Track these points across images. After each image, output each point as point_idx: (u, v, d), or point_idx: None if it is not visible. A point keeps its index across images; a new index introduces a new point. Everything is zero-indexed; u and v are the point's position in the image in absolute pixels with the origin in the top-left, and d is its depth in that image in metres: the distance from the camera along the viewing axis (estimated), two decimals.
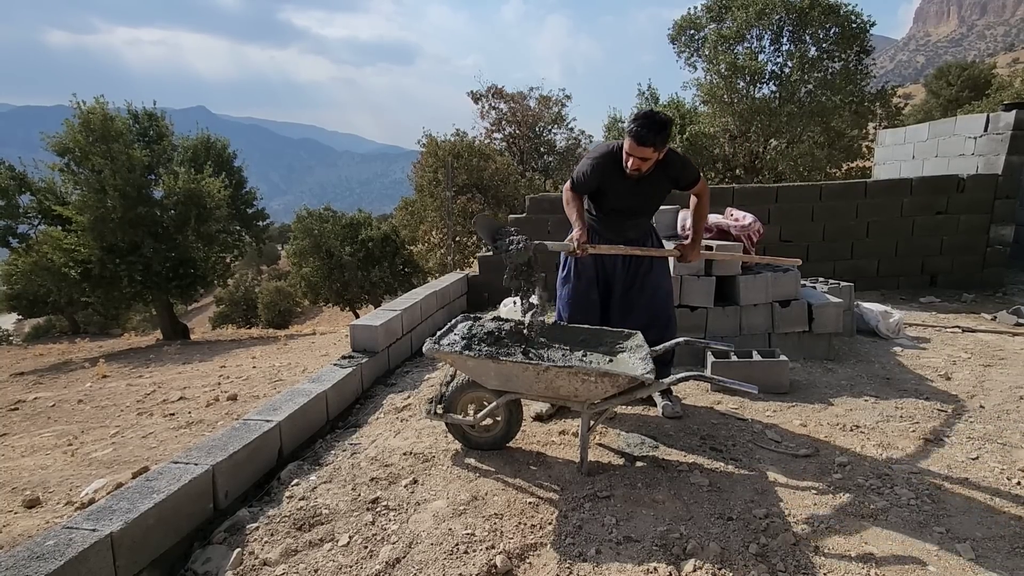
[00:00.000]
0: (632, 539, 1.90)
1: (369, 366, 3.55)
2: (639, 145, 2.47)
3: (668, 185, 2.75)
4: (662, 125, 2.45)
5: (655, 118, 2.45)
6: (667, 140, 2.51)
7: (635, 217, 2.83)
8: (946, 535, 1.92)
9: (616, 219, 2.83)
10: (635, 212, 2.82)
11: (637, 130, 2.44)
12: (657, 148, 2.49)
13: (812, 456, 2.48)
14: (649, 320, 2.83)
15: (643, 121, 2.44)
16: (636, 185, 2.66)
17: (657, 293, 2.87)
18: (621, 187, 2.69)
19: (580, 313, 2.90)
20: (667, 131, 2.48)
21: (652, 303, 2.86)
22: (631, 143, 2.48)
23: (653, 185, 2.69)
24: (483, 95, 21.00)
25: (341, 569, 1.82)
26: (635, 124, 2.45)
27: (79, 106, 11.44)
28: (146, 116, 13.26)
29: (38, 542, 1.55)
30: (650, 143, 2.45)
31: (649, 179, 2.64)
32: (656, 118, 2.46)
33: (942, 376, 3.52)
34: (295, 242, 18.23)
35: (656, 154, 2.52)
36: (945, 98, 28.65)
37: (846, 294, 4.33)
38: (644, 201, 2.79)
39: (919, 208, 6.13)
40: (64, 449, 3.70)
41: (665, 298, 2.91)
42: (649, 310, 2.86)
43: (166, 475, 1.97)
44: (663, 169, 2.65)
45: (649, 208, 2.87)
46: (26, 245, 12.52)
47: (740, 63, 14.27)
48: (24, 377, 8.02)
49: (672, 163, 2.67)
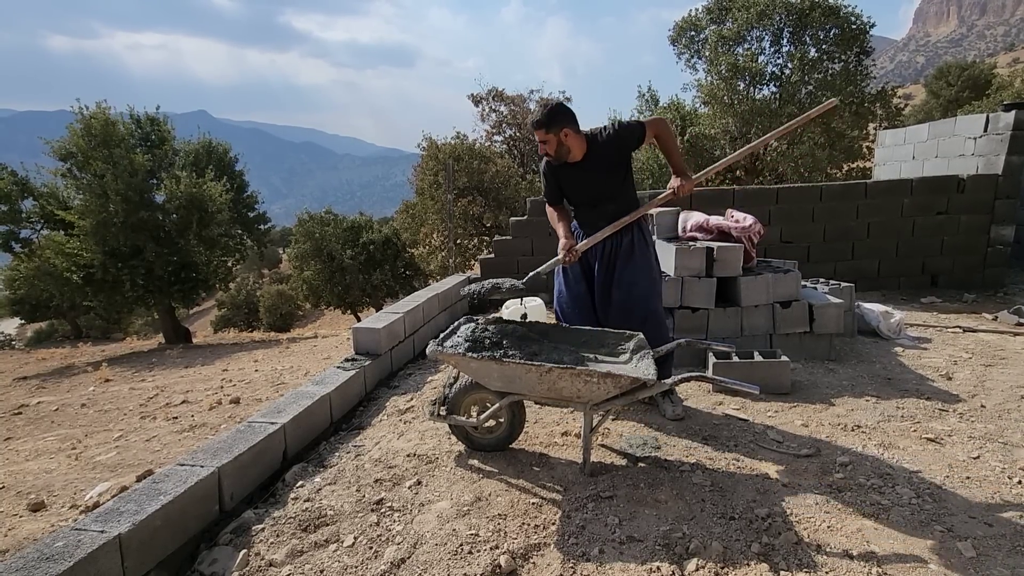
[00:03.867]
0: (635, 539, 1.91)
1: (372, 369, 3.57)
2: (535, 129, 2.74)
3: (611, 158, 2.78)
4: (552, 109, 2.69)
5: (547, 105, 2.71)
6: (560, 123, 2.68)
7: (600, 204, 2.87)
8: (947, 534, 1.93)
9: (586, 212, 2.92)
10: (597, 199, 2.87)
11: (534, 118, 2.73)
12: (550, 130, 2.69)
13: (814, 456, 2.49)
14: (623, 317, 2.84)
15: (539, 109, 2.73)
16: (583, 172, 2.80)
17: (631, 291, 2.86)
18: (572, 178, 2.85)
19: (570, 307, 2.99)
20: (558, 115, 2.68)
21: (626, 300, 2.86)
22: (535, 130, 2.74)
23: (596, 165, 2.79)
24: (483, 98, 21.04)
25: (347, 570, 1.83)
26: (534, 114, 2.74)
27: (81, 111, 11.49)
28: (148, 120, 13.31)
29: (47, 543, 1.57)
30: (542, 126, 2.69)
31: (590, 161, 2.78)
32: (548, 105, 2.71)
33: (943, 376, 3.53)
34: (296, 245, 18.27)
35: (552, 136, 2.70)
36: (945, 98, 28.67)
37: (847, 295, 4.34)
38: (597, 184, 2.84)
39: (920, 208, 6.14)
40: (68, 453, 3.72)
41: (641, 295, 2.86)
42: (623, 307, 2.87)
43: (172, 477, 1.99)
44: (595, 147, 2.76)
45: (608, 191, 2.86)
46: (29, 250, 12.56)
47: (740, 64, 14.31)
48: (27, 381, 8.04)
49: (597, 137, 2.77)
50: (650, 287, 2.89)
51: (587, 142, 2.75)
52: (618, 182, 2.83)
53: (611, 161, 2.78)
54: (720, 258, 3.68)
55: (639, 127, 2.77)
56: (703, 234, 3.96)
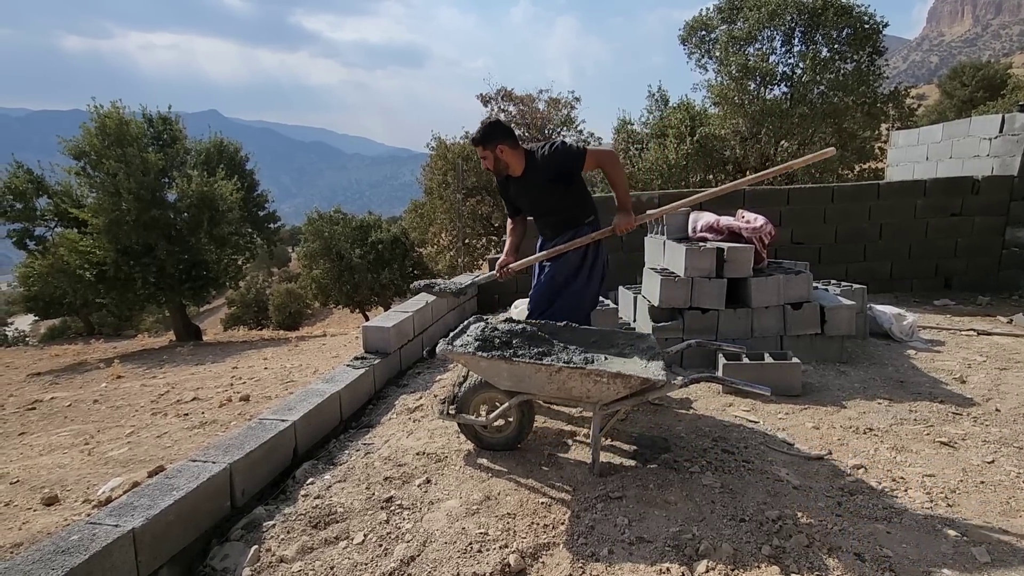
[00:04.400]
0: (644, 540, 1.90)
1: (381, 367, 3.58)
2: (474, 146, 2.90)
3: (547, 176, 2.86)
4: (487, 127, 2.83)
5: (484, 122, 2.87)
6: (495, 139, 2.81)
7: (544, 216, 3.04)
8: (961, 538, 1.90)
9: (536, 220, 3.11)
10: (540, 211, 3.03)
11: (473, 136, 2.88)
12: (486, 147, 2.83)
13: (825, 458, 2.47)
14: (533, 306, 3.03)
15: (478, 127, 2.86)
16: (523, 185, 2.94)
17: (540, 279, 3.02)
18: (516, 191, 3.00)
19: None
20: (493, 132, 2.81)
21: (536, 289, 3.03)
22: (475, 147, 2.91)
23: (533, 179, 2.90)
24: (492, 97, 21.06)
25: (357, 567, 1.84)
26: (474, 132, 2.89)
27: (95, 110, 11.62)
28: (160, 120, 13.44)
29: (63, 536, 1.59)
30: (478, 143, 2.85)
31: (528, 175, 2.90)
32: (485, 122, 2.86)
33: (957, 379, 3.49)
34: (306, 244, 18.39)
35: (489, 152, 2.84)
36: (959, 99, 28.35)
37: (859, 296, 4.31)
38: (536, 198, 2.97)
39: (933, 210, 6.08)
40: (81, 448, 3.76)
41: (546, 283, 2.98)
42: (533, 295, 3.05)
43: (185, 473, 2.00)
44: (532, 163, 2.88)
45: (547, 204, 2.97)
46: (43, 247, 12.73)
47: (751, 64, 14.23)
48: (41, 377, 8.15)
49: (535, 154, 2.88)
50: (563, 280, 2.96)
51: (526, 158, 2.87)
52: (557, 198, 2.92)
53: (547, 178, 2.87)
54: (731, 259, 3.66)
55: (579, 154, 2.81)
56: (713, 235, 3.94)
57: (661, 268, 4.06)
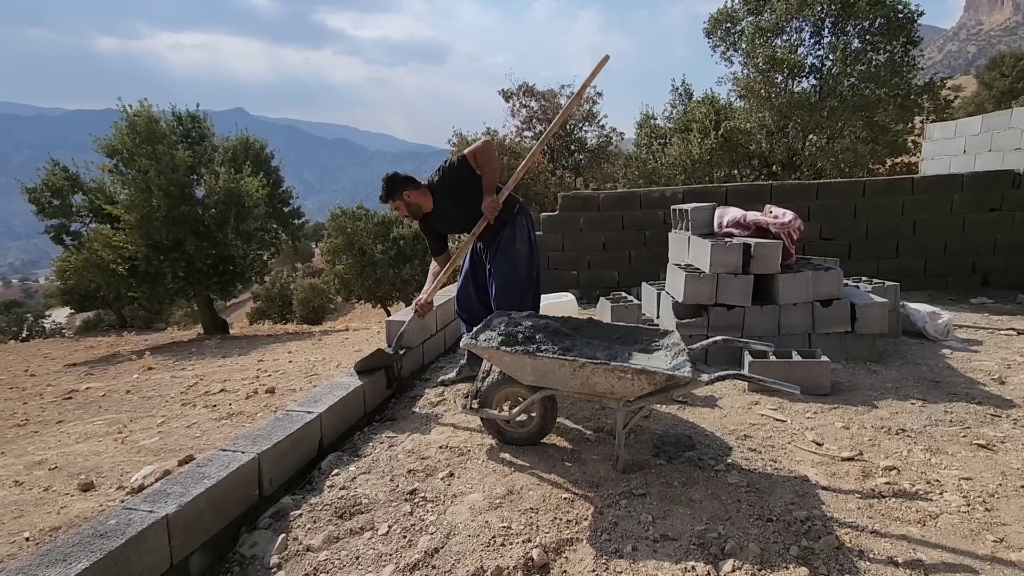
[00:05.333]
0: (669, 537, 1.88)
1: (404, 361, 3.60)
2: (384, 202, 3.16)
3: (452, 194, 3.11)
4: (387, 182, 3.08)
5: (383, 180, 3.09)
6: (397, 189, 3.06)
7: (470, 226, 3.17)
8: (1000, 544, 1.84)
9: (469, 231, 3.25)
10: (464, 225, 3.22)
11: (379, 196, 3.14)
12: (393, 199, 3.08)
13: (855, 459, 2.41)
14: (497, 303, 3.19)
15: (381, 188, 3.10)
16: (440, 214, 3.18)
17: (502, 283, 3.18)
18: (438, 222, 3.24)
19: (460, 300, 3.47)
20: (394, 184, 3.06)
21: (500, 290, 3.19)
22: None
23: (444, 205, 3.15)
24: (514, 93, 21.02)
25: (381, 557, 1.86)
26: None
27: (126, 109, 11.93)
28: (189, 118, 13.73)
29: (101, 521, 1.64)
30: (385, 199, 3.12)
31: (439, 205, 3.15)
32: (384, 180, 3.09)
33: (995, 380, 3.37)
34: (329, 240, 18.62)
35: (399, 203, 3.09)
36: (999, 90, 27.33)
37: (891, 294, 4.19)
38: (455, 217, 3.21)
39: (971, 205, 5.87)
40: (115, 437, 3.88)
41: (502, 288, 3.18)
42: (501, 295, 3.19)
43: (215, 462, 2.05)
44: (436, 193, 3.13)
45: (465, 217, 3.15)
46: (78, 243, 13.14)
47: (779, 56, 13.91)
48: (76, 368, 8.44)
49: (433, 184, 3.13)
50: (511, 279, 3.18)
51: (431, 191, 3.12)
52: (472, 206, 3.08)
53: (453, 197, 3.11)
54: (758, 255, 3.59)
55: (461, 161, 3.08)
56: (740, 230, 3.87)
57: (685, 264, 4.01)
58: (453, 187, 3.11)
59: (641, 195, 6.33)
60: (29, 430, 4.45)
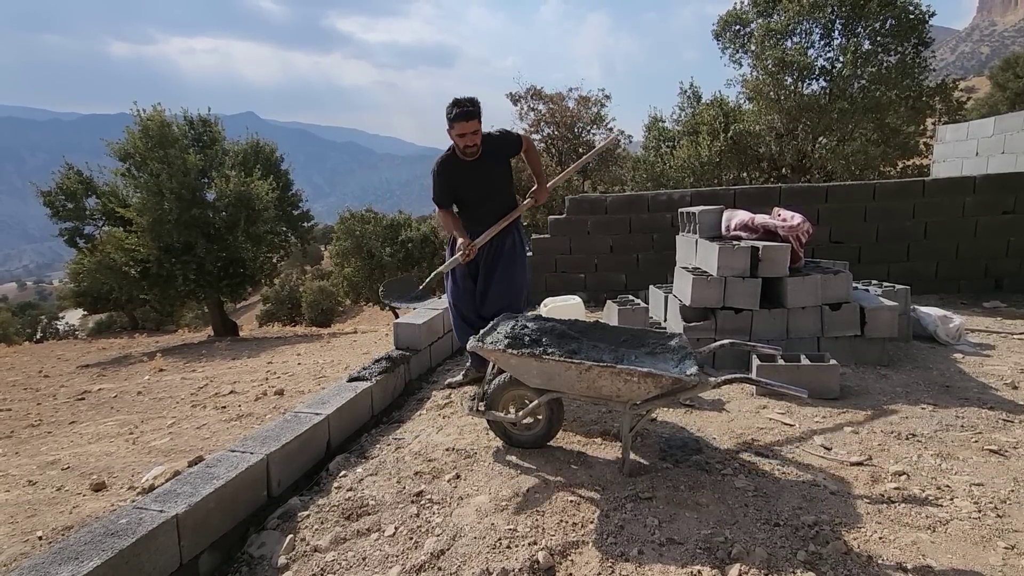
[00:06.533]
0: (675, 541, 1.88)
1: (412, 364, 3.63)
2: (468, 121, 2.87)
3: (502, 158, 3.12)
4: (473, 100, 2.93)
5: (466, 98, 2.92)
6: (480, 112, 2.92)
7: (490, 200, 3.16)
8: (1011, 551, 1.82)
9: (475, 209, 3.19)
10: (489, 195, 3.15)
11: (461, 111, 2.87)
12: (480, 119, 2.92)
13: (864, 464, 2.39)
14: (498, 308, 3.12)
15: (461, 103, 2.88)
16: (477, 170, 3.05)
17: (511, 288, 3.19)
18: (467, 178, 3.07)
19: (460, 301, 3.34)
20: (479, 104, 2.93)
21: (507, 295, 3.18)
22: (462, 124, 2.87)
23: (489, 163, 3.07)
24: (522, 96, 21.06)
25: (388, 558, 1.87)
26: (457, 108, 2.87)
27: (139, 113, 12.08)
28: (200, 122, 13.87)
29: (112, 520, 1.67)
30: (475, 115, 2.89)
31: (484, 160, 3.04)
32: (467, 98, 2.92)
33: (1008, 385, 3.32)
34: (338, 243, 18.73)
35: (480, 125, 2.93)
36: (1013, 91, 26.98)
37: (901, 297, 4.15)
38: (490, 182, 3.12)
39: (983, 208, 5.81)
40: (126, 437, 3.92)
41: (518, 292, 3.24)
42: (505, 299, 3.18)
43: (224, 463, 2.07)
44: (489, 144, 3.05)
45: (496, 190, 3.16)
46: (91, 245, 13.31)
47: (788, 58, 13.83)
48: (89, 369, 8.53)
49: (492, 139, 3.07)
50: (521, 286, 3.26)
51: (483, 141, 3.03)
52: (506, 181, 3.12)
53: (500, 162, 3.09)
54: (766, 257, 3.58)
55: (518, 138, 3.17)
56: (748, 233, 3.86)
57: (693, 267, 4.00)
58: (506, 153, 3.14)
59: (649, 198, 6.32)
60: (43, 430, 4.52)
